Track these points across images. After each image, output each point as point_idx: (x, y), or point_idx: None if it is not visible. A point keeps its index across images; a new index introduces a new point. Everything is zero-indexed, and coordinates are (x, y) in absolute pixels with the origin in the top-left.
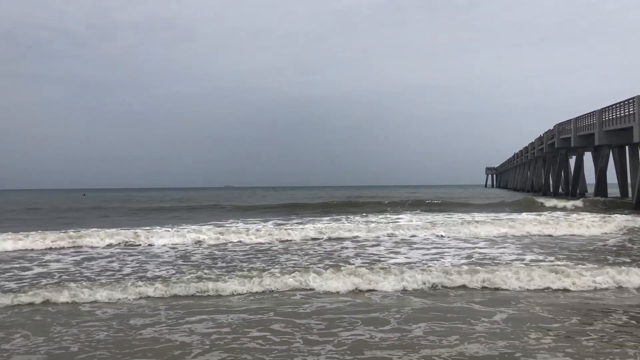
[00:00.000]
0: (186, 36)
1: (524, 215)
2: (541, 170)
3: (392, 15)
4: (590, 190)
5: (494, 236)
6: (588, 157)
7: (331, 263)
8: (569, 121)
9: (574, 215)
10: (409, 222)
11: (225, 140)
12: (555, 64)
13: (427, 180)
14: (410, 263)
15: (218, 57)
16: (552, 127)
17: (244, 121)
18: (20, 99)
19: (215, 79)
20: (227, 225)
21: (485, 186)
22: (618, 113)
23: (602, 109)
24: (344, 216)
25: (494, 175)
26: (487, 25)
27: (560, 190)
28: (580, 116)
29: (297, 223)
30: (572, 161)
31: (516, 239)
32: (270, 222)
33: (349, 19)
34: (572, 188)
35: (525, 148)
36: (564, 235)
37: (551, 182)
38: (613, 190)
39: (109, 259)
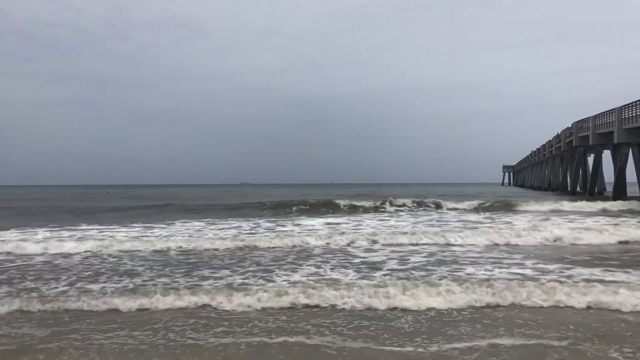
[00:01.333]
0: (200, 34)
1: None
2: (559, 169)
3: (404, 13)
4: (609, 189)
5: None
6: (606, 155)
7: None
8: (587, 119)
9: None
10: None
11: (242, 137)
12: (575, 60)
13: (444, 179)
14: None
15: (232, 54)
16: (570, 125)
17: (259, 119)
18: (36, 96)
19: (229, 76)
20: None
21: (502, 184)
22: (638, 111)
23: (622, 106)
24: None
25: (511, 174)
26: (504, 22)
27: (578, 189)
28: (599, 114)
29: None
30: (590, 159)
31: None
32: (173, 224)
33: (361, 17)
34: (590, 187)
35: (543, 146)
36: None
37: (569, 181)
38: (632, 189)
39: None
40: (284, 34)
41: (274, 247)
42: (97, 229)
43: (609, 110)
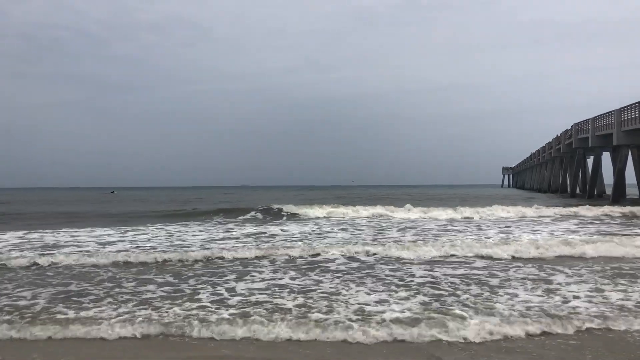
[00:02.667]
0: (205, 36)
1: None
2: (558, 171)
3: (410, 14)
4: (608, 190)
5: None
6: (606, 157)
7: None
8: (586, 121)
9: None
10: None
11: (242, 139)
12: (575, 62)
13: (444, 180)
14: None
15: (236, 55)
16: (569, 127)
17: (261, 120)
18: (40, 99)
19: (234, 77)
20: None
21: (502, 186)
22: (637, 112)
23: (621, 108)
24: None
25: (511, 175)
26: (506, 23)
27: (577, 190)
28: (598, 116)
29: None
30: (590, 161)
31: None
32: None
33: (367, 18)
34: (589, 188)
35: (543, 148)
36: None
37: (568, 183)
38: (631, 191)
39: None
40: (290, 34)
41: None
42: None
43: (609, 112)
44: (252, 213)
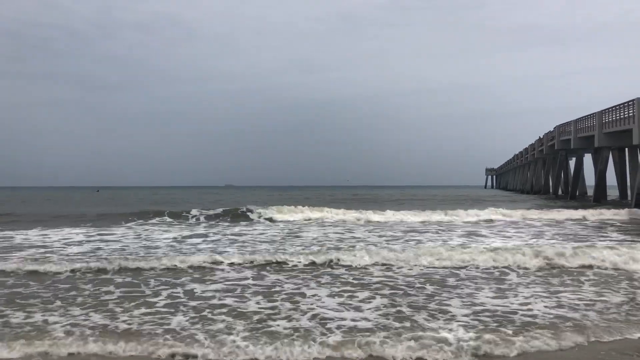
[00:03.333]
0: (191, 35)
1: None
2: (541, 172)
3: (398, 16)
4: (590, 192)
5: None
6: (588, 158)
7: None
8: (568, 123)
9: None
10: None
11: (228, 139)
12: (559, 66)
13: (428, 181)
14: None
15: (223, 56)
16: (552, 129)
17: (247, 121)
18: (27, 98)
19: (220, 78)
20: None
21: (485, 187)
22: (618, 115)
23: (602, 110)
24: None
25: (494, 177)
26: (492, 27)
27: (560, 192)
28: (580, 118)
29: None
30: (572, 163)
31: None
32: None
33: (355, 20)
34: (571, 190)
35: (525, 149)
36: None
37: (551, 184)
38: (612, 192)
39: None
40: (277, 35)
41: None
42: None
43: (590, 114)
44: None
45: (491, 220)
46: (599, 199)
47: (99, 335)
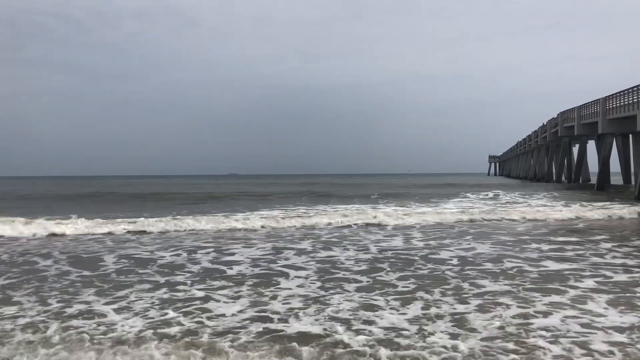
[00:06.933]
0: (191, 23)
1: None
2: (544, 159)
3: (397, 3)
4: (593, 178)
5: None
6: (591, 145)
7: None
8: (572, 109)
9: None
10: None
11: (230, 128)
12: (562, 51)
13: (431, 169)
14: None
15: (222, 44)
16: (555, 116)
17: (249, 109)
18: (24, 87)
19: (220, 66)
20: None
21: (488, 174)
22: (622, 101)
23: (606, 97)
24: None
25: (497, 164)
26: (492, 13)
27: (563, 178)
28: (584, 104)
29: None
30: (575, 150)
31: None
32: None
33: (354, 7)
34: (575, 176)
35: (529, 136)
36: None
37: (554, 171)
38: (616, 178)
39: None
40: (276, 22)
41: None
42: None
43: (594, 100)
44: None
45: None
46: (603, 186)
47: None
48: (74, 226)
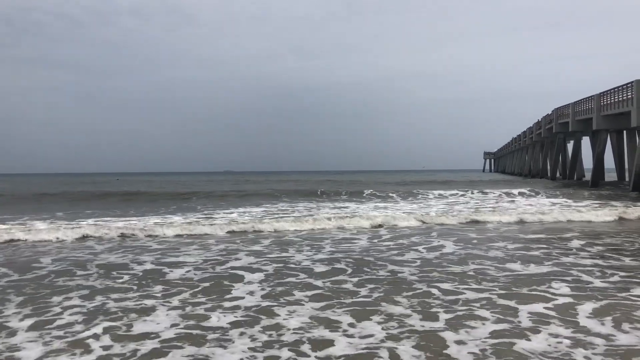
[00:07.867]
0: (187, 20)
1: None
2: (539, 155)
3: (396, 2)
4: (588, 174)
5: None
6: (586, 141)
7: None
8: (567, 106)
9: None
10: None
11: (226, 125)
12: (557, 50)
13: (427, 165)
14: None
15: (219, 42)
16: (550, 112)
17: (245, 106)
18: (19, 83)
19: (217, 64)
20: None
21: (483, 171)
22: (616, 97)
23: (600, 93)
24: None
25: (492, 160)
26: (489, 11)
27: (557, 174)
28: (579, 101)
29: None
30: (570, 146)
31: None
32: None
33: (351, 6)
34: (569, 172)
35: (524, 133)
36: None
37: (549, 167)
38: (610, 174)
39: None
40: (273, 21)
41: None
42: None
43: (588, 97)
44: None
45: None
46: (597, 182)
47: None
48: None
